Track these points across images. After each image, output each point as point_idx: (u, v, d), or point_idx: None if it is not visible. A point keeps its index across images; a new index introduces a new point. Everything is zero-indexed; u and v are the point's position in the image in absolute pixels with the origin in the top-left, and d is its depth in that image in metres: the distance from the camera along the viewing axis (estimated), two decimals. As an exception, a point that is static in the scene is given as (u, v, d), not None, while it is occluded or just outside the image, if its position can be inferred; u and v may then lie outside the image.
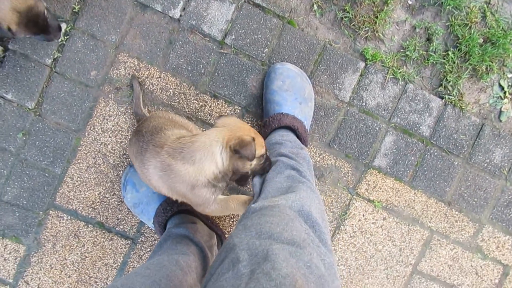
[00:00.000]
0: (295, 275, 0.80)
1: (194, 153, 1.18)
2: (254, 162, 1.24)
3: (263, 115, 1.59)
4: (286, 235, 0.94)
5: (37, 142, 1.58)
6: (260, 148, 1.22)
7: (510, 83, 1.66)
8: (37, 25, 1.30)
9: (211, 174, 1.20)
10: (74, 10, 1.54)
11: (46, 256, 1.63)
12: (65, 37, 1.55)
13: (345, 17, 1.59)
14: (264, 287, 0.77)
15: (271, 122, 1.48)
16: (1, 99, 1.56)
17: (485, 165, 1.67)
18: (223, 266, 0.90)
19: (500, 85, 1.66)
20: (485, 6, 1.61)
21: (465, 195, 1.68)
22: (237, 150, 1.15)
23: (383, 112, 1.63)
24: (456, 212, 1.69)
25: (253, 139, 1.17)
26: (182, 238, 1.45)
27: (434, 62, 1.63)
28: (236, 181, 1.34)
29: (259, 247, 0.88)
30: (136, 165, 1.34)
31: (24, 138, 1.58)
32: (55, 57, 1.55)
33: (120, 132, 1.59)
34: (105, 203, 1.62)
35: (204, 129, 1.58)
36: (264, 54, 1.58)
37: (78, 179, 1.61)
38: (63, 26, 1.53)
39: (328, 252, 1.02)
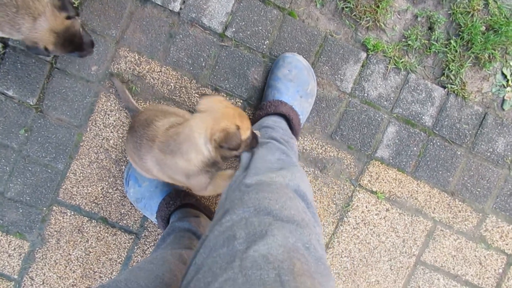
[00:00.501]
0: (292, 259, 0.78)
1: (181, 145, 1.18)
2: (242, 145, 1.21)
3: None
4: (286, 213, 0.91)
5: (39, 138, 1.58)
6: (246, 132, 1.18)
7: (513, 72, 1.65)
8: (73, 43, 1.31)
9: (200, 163, 1.21)
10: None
11: (51, 251, 1.63)
12: (65, 32, 1.54)
13: (346, 7, 1.57)
14: (262, 268, 0.75)
15: (268, 107, 1.47)
16: (2, 95, 1.55)
17: (488, 154, 1.66)
18: (217, 241, 0.86)
19: (503, 74, 1.65)
20: (487, -6, 1.59)
21: (468, 185, 1.68)
22: (222, 145, 1.13)
23: (385, 102, 1.62)
24: (460, 202, 1.68)
25: (238, 128, 1.14)
26: (185, 232, 1.45)
27: (436, 51, 1.61)
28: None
29: (258, 226, 0.85)
30: (135, 161, 1.35)
31: (26, 135, 1.58)
32: (55, 52, 1.55)
33: (121, 127, 1.59)
34: (108, 198, 1.62)
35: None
36: (265, 46, 1.58)
37: (81, 174, 1.61)
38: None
39: (321, 234, 1.03)
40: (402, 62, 1.60)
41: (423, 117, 1.63)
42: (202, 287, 0.78)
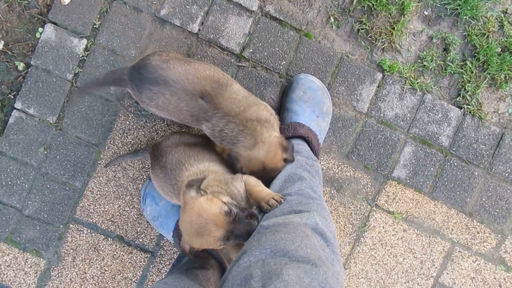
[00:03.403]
0: None
1: None
2: (222, 246, 1.15)
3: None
4: (302, 252, 0.92)
5: (58, 156, 1.60)
6: (207, 247, 1.15)
7: (529, 92, 1.65)
8: (266, 181, 1.30)
9: None
10: (94, 26, 1.57)
11: (66, 269, 1.63)
12: (86, 53, 1.57)
13: (362, 28, 1.60)
14: None
15: (286, 130, 1.48)
16: (24, 113, 1.58)
17: (506, 174, 1.65)
18: (234, 281, 0.88)
19: (519, 94, 1.65)
20: (502, 15, 1.61)
21: (487, 205, 1.66)
22: None
23: (402, 122, 1.63)
24: (478, 223, 1.67)
25: (192, 248, 1.20)
26: (201, 252, 1.45)
27: (452, 72, 1.62)
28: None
29: (273, 266, 0.87)
30: (167, 197, 1.37)
31: (46, 152, 1.60)
32: (76, 72, 1.58)
33: (139, 146, 1.61)
34: (124, 216, 1.63)
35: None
36: (281, 67, 1.60)
37: (98, 192, 1.62)
38: (84, 41, 1.56)
39: (342, 271, 1.03)
40: (418, 82, 1.61)
41: (440, 137, 1.63)
42: None
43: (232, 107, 1.27)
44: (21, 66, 1.58)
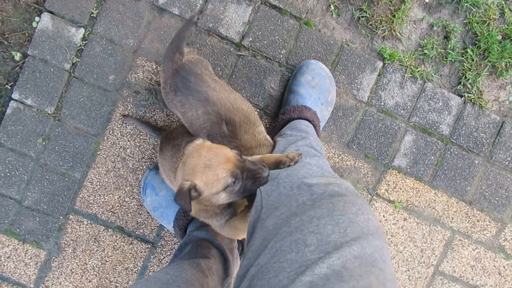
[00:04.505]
0: (370, 275, 0.69)
1: None
2: (223, 195, 1.06)
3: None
4: (362, 218, 0.82)
5: (57, 147, 1.59)
6: (212, 186, 1.03)
7: (530, 80, 1.64)
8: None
9: (198, 211, 1.20)
10: (92, 15, 1.55)
11: (67, 260, 1.63)
12: (83, 42, 1.55)
13: (362, 16, 1.58)
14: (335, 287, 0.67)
15: (292, 111, 1.46)
16: (21, 104, 1.57)
17: (506, 163, 1.65)
18: (284, 243, 0.78)
19: (520, 82, 1.64)
20: (503, 2, 1.60)
21: (487, 194, 1.66)
22: (177, 202, 1.03)
23: (402, 111, 1.62)
24: (478, 212, 1.67)
25: (190, 188, 1.01)
26: (202, 241, 1.44)
27: (453, 60, 1.61)
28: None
29: (332, 234, 0.76)
30: (169, 180, 1.34)
31: (44, 143, 1.59)
32: (74, 62, 1.56)
33: (139, 136, 1.59)
34: (124, 207, 1.62)
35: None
36: (281, 56, 1.58)
37: (98, 183, 1.61)
38: (81, 31, 1.54)
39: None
40: (418, 71, 1.60)
41: (440, 126, 1.63)
42: None
43: (248, 142, 1.27)
44: (17, 56, 1.56)
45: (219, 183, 1.02)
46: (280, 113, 1.54)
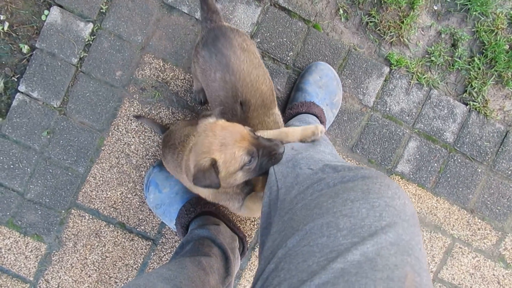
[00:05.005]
0: (405, 266, 0.64)
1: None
2: (240, 174, 1.04)
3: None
4: (398, 202, 0.76)
5: (61, 141, 1.59)
6: (230, 164, 1.00)
7: (535, 91, 1.65)
8: None
9: (217, 194, 1.19)
10: (101, 11, 1.55)
11: (67, 255, 1.63)
12: (92, 37, 1.56)
13: (371, 21, 1.59)
14: (368, 276, 0.62)
15: (300, 106, 1.46)
16: (27, 97, 1.57)
17: (509, 172, 1.66)
18: (315, 224, 0.74)
19: (525, 93, 1.65)
20: (511, 12, 1.60)
21: (488, 202, 1.67)
22: (195, 183, 1.00)
23: (407, 117, 1.62)
24: (479, 220, 1.67)
25: (214, 162, 0.99)
26: (204, 239, 1.45)
27: (459, 68, 1.62)
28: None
29: (366, 218, 0.71)
30: (178, 177, 1.34)
31: (49, 137, 1.59)
32: (81, 56, 1.56)
33: (143, 133, 1.60)
34: (127, 203, 1.62)
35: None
36: (289, 58, 1.59)
37: (101, 178, 1.61)
38: (90, 26, 1.54)
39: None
40: (425, 78, 1.61)
41: (445, 133, 1.63)
42: (295, 284, 0.67)
43: (258, 125, 1.25)
44: (25, 48, 1.56)
45: (236, 162, 1.00)
46: (288, 108, 1.53)
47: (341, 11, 1.58)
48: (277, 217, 0.87)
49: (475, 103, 1.62)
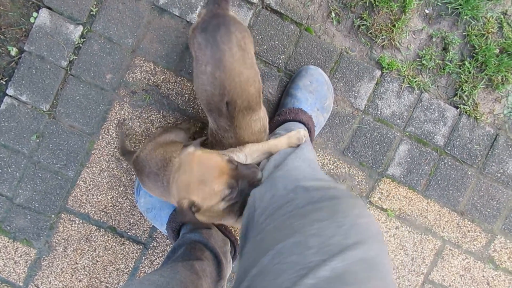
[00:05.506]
0: (371, 280, 0.70)
1: None
2: (222, 204, 1.08)
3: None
4: (364, 221, 0.81)
5: (51, 145, 1.57)
6: (210, 199, 1.04)
7: (525, 94, 1.66)
8: None
9: (209, 217, 1.21)
10: (91, 13, 1.53)
11: (57, 260, 1.61)
12: (82, 40, 1.54)
13: (362, 25, 1.59)
14: None
15: (288, 113, 1.46)
16: (16, 100, 1.54)
17: (499, 175, 1.67)
18: (286, 244, 0.78)
19: (514, 96, 1.66)
20: (502, 16, 1.61)
21: (478, 205, 1.68)
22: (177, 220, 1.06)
23: (398, 120, 1.63)
24: (469, 222, 1.69)
25: (193, 203, 1.03)
26: (196, 243, 1.44)
27: (450, 72, 1.63)
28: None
29: (333, 237, 0.75)
30: (168, 200, 1.32)
31: (38, 141, 1.57)
32: (71, 59, 1.54)
33: (134, 136, 1.58)
34: (117, 208, 1.61)
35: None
36: (280, 61, 1.58)
37: (91, 182, 1.60)
38: (80, 28, 1.53)
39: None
40: (416, 81, 1.61)
41: (435, 136, 1.64)
42: None
43: (243, 132, 1.25)
44: (13, 51, 1.54)
45: (217, 196, 1.03)
46: (276, 114, 1.54)
47: (333, 14, 1.58)
48: (251, 237, 0.91)
49: (465, 107, 1.63)
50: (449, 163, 1.65)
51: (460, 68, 1.62)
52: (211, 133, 1.31)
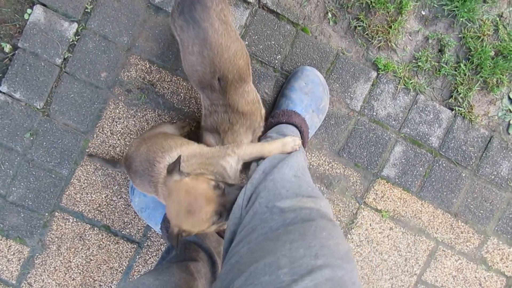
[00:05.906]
0: None
1: None
2: (213, 227, 1.10)
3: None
4: (332, 242, 0.86)
5: (45, 143, 1.56)
6: (196, 226, 1.06)
7: (519, 97, 1.67)
8: None
9: (204, 232, 1.21)
10: (86, 10, 1.52)
11: (51, 258, 1.61)
12: (76, 37, 1.52)
13: (359, 26, 1.58)
14: None
15: (281, 115, 1.46)
16: (9, 98, 1.53)
17: (492, 177, 1.68)
18: (258, 265, 0.81)
19: (509, 98, 1.67)
20: (497, 19, 1.61)
21: (472, 206, 1.69)
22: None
23: (393, 122, 1.63)
24: (462, 224, 1.70)
25: (179, 233, 1.06)
26: (190, 244, 1.44)
27: (446, 74, 1.63)
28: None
29: (303, 257, 0.80)
30: (149, 192, 1.33)
31: (32, 138, 1.56)
32: (66, 57, 1.53)
33: (129, 135, 1.58)
34: (111, 206, 1.60)
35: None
36: (276, 61, 1.58)
37: (85, 181, 1.59)
38: (74, 26, 1.51)
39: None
40: (411, 83, 1.61)
41: (430, 138, 1.64)
42: None
43: (236, 102, 1.26)
44: (7, 47, 1.52)
45: (206, 222, 1.05)
46: (270, 116, 1.54)
47: (329, 14, 1.58)
48: (227, 259, 0.94)
49: (460, 109, 1.64)
50: (444, 164, 1.66)
51: (455, 70, 1.62)
52: (205, 107, 1.32)
